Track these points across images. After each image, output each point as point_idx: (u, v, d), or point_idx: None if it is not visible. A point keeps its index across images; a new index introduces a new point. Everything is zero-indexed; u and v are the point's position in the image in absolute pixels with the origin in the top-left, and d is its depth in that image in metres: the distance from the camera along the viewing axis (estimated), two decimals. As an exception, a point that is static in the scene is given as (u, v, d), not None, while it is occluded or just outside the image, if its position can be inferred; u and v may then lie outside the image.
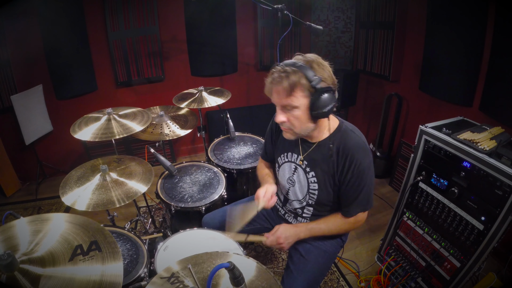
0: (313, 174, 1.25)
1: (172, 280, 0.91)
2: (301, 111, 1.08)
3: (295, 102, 1.07)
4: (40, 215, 0.97)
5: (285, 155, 1.35)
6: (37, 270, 0.79)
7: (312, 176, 1.25)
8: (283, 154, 1.35)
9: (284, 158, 1.35)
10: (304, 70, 1.03)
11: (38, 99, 2.73)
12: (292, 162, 1.32)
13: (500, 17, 1.83)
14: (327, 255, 1.37)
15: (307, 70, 1.03)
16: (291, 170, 1.33)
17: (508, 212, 1.27)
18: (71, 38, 2.70)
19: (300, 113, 1.09)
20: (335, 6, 3.18)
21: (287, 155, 1.34)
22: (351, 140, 1.17)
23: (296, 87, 1.04)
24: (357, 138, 1.18)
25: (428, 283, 1.73)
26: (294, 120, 1.11)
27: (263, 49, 3.33)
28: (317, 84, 1.03)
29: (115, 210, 1.71)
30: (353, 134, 1.19)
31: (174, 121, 2.17)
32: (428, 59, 2.42)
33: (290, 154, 1.32)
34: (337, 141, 1.18)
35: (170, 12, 2.93)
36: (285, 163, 1.35)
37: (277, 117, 1.13)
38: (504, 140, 1.41)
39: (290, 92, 1.05)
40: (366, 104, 3.38)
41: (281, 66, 1.07)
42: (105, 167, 1.51)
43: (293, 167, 1.32)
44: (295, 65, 1.04)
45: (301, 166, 1.28)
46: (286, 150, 1.34)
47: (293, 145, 1.30)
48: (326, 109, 1.05)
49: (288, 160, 1.34)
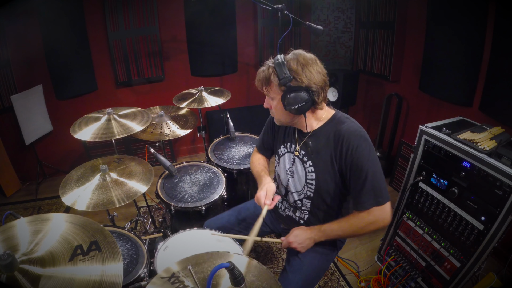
0: (310, 164, 1.25)
1: (172, 280, 0.91)
2: (277, 103, 1.18)
3: (271, 94, 1.18)
4: (40, 215, 0.97)
5: (285, 146, 1.35)
6: (37, 270, 0.79)
7: (309, 165, 1.25)
8: (283, 145, 1.36)
9: (284, 149, 1.36)
10: (278, 68, 1.09)
11: (38, 99, 2.73)
12: (291, 152, 1.33)
13: (500, 17, 1.83)
14: (323, 257, 1.36)
15: (281, 67, 1.09)
16: (290, 160, 1.33)
17: (508, 212, 1.27)
18: (71, 38, 2.70)
19: (277, 104, 1.18)
20: (335, 6, 3.18)
21: (287, 146, 1.34)
22: (345, 126, 1.17)
23: (269, 81, 1.15)
24: (351, 124, 1.18)
25: (428, 283, 1.73)
26: (274, 108, 1.22)
27: (263, 49, 3.33)
28: (286, 83, 1.09)
29: (115, 210, 1.71)
30: (348, 120, 1.20)
31: (174, 121, 2.17)
32: (428, 59, 2.42)
33: (289, 144, 1.33)
34: (331, 128, 1.19)
35: (170, 12, 2.93)
36: (286, 154, 1.36)
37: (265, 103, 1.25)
38: (504, 140, 1.41)
39: (265, 84, 1.17)
40: (366, 104, 3.38)
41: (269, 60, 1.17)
42: (105, 167, 1.51)
43: (292, 157, 1.33)
44: (274, 62, 1.12)
45: (298, 157, 1.29)
46: (285, 141, 1.35)
47: (291, 135, 1.32)
48: (294, 107, 1.11)
49: (288, 151, 1.34)
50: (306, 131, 1.24)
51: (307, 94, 1.10)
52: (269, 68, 1.14)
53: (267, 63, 1.17)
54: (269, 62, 1.16)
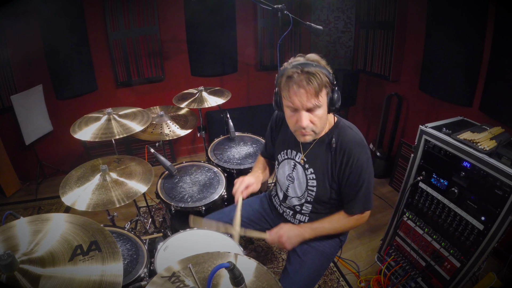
0: (311, 171, 1.26)
1: (172, 279, 0.91)
2: (323, 109, 1.10)
3: (321, 101, 1.07)
4: (40, 215, 0.97)
5: (284, 152, 1.36)
6: (37, 270, 0.79)
7: (310, 172, 1.26)
8: (283, 151, 1.36)
9: (284, 156, 1.36)
10: (323, 69, 1.05)
11: (38, 99, 2.73)
12: (291, 159, 1.33)
13: (500, 17, 1.83)
14: (324, 256, 1.37)
15: (323, 68, 1.05)
16: (290, 167, 1.34)
17: (508, 212, 1.26)
18: (71, 38, 2.69)
19: (322, 111, 1.10)
20: (335, 6, 3.18)
21: (287, 152, 1.35)
22: (348, 136, 1.18)
23: (323, 86, 1.05)
24: (354, 134, 1.20)
25: (428, 283, 1.73)
26: (317, 120, 1.11)
27: (263, 49, 3.33)
28: (333, 80, 1.07)
29: (115, 210, 1.71)
30: (351, 130, 1.21)
31: (174, 121, 2.17)
32: (428, 59, 2.41)
33: (290, 151, 1.33)
34: (335, 136, 1.19)
35: (170, 12, 2.93)
36: (285, 160, 1.36)
37: (303, 121, 1.09)
38: (504, 140, 1.41)
39: (318, 92, 1.04)
40: (366, 104, 3.38)
41: (298, 67, 1.03)
42: (105, 167, 1.51)
43: (292, 164, 1.33)
44: (314, 65, 1.03)
45: (300, 164, 1.29)
46: (285, 147, 1.35)
47: (292, 142, 1.32)
48: (339, 103, 1.11)
49: (288, 157, 1.34)
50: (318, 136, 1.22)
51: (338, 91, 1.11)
52: (318, 72, 1.02)
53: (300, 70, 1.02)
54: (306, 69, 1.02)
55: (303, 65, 1.03)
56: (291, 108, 1.10)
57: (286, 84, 1.06)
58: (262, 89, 3.51)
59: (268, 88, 3.47)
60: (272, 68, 3.42)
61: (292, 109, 1.10)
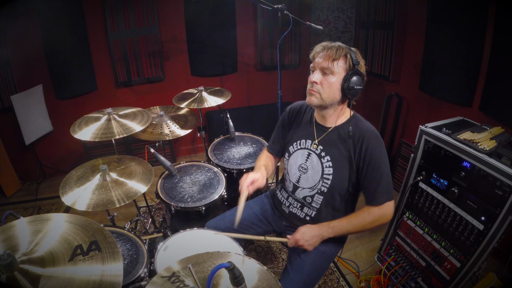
0: (328, 159, 1.27)
1: (172, 279, 0.91)
2: (336, 79, 1.19)
3: (335, 68, 1.18)
4: (40, 215, 0.97)
5: (297, 143, 1.37)
6: (37, 270, 0.79)
7: (327, 160, 1.28)
8: (296, 142, 1.38)
9: (296, 146, 1.38)
10: (350, 50, 1.19)
11: (38, 99, 2.73)
12: (306, 148, 1.34)
13: (500, 17, 1.83)
14: (324, 256, 1.36)
15: (351, 50, 1.19)
16: (303, 157, 1.35)
17: (508, 212, 1.27)
18: (71, 38, 2.69)
19: (335, 81, 1.19)
20: (335, 6, 3.19)
21: (300, 143, 1.36)
22: (366, 125, 1.27)
23: (342, 56, 1.17)
24: (370, 125, 1.28)
25: (428, 283, 1.73)
26: (326, 84, 1.20)
27: (263, 49, 3.33)
28: (356, 64, 1.17)
29: (115, 210, 1.71)
30: (367, 122, 1.29)
31: (174, 121, 2.18)
32: (428, 59, 2.41)
33: (304, 141, 1.35)
34: (352, 126, 1.25)
35: (170, 12, 2.93)
36: (298, 151, 1.37)
37: (313, 76, 1.21)
38: (504, 140, 1.41)
39: (335, 58, 1.17)
40: (366, 104, 3.38)
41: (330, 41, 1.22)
42: (105, 167, 1.51)
43: (306, 153, 1.34)
44: (345, 45, 1.19)
45: (315, 152, 1.31)
46: (299, 138, 1.37)
47: (306, 131, 1.35)
48: (354, 88, 1.18)
49: (301, 147, 1.36)
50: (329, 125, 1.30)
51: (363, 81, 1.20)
52: (343, 47, 1.18)
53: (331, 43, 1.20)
54: (337, 42, 1.20)
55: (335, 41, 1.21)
56: (312, 68, 1.24)
57: (316, 49, 1.23)
58: (262, 89, 3.51)
59: (268, 88, 3.47)
60: (272, 68, 3.42)
61: (312, 69, 1.23)
